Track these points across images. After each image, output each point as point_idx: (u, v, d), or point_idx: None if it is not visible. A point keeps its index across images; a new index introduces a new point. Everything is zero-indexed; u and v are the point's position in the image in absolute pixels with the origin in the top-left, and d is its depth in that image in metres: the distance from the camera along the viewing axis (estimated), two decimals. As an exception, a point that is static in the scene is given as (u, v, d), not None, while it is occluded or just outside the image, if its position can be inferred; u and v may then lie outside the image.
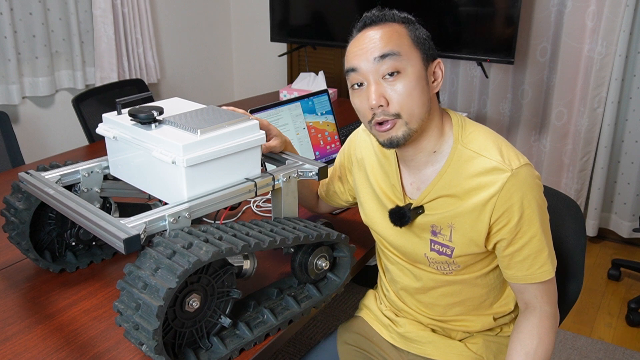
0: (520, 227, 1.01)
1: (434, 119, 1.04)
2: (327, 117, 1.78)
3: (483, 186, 1.00)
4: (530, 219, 1.01)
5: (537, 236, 1.02)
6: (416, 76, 0.98)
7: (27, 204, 1.13)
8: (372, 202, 1.18)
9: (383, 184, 1.14)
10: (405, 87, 0.97)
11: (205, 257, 0.85)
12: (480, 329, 1.19)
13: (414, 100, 0.98)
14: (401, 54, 0.97)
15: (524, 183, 0.99)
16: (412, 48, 0.99)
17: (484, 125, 1.08)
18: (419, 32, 1.02)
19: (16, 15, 2.49)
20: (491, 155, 1.01)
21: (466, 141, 1.04)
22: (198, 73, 3.58)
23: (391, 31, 0.99)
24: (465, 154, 1.03)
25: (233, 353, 0.96)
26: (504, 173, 0.99)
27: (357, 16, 1.05)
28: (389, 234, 1.15)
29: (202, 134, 0.99)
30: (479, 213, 1.01)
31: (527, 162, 1.01)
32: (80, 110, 2.23)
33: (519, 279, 1.06)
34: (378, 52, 0.98)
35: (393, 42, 0.98)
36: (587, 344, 2.19)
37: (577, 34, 2.61)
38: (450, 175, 1.03)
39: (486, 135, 1.05)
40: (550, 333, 1.06)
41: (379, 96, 0.98)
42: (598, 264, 2.75)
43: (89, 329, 1.03)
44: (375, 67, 0.98)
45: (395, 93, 0.98)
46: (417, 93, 0.98)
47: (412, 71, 0.98)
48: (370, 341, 1.26)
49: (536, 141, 2.93)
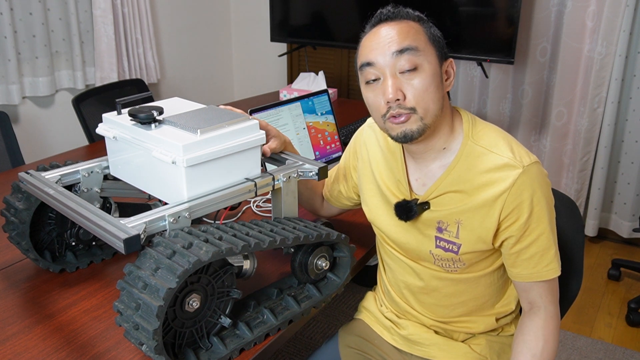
0: (529, 224, 1.01)
1: (446, 117, 1.05)
2: (327, 117, 1.78)
3: (494, 182, 1.00)
4: (539, 216, 1.01)
5: (545, 234, 1.02)
6: (432, 72, 0.99)
7: (27, 204, 1.13)
8: (376, 198, 1.17)
9: (387, 179, 1.14)
10: (422, 83, 0.98)
11: (205, 257, 0.85)
12: (483, 330, 1.19)
13: (430, 96, 0.99)
14: (419, 49, 0.98)
15: (534, 180, 1.00)
16: (428, 44, 1.00)
17: (493, 125, 1.08)
18: (433, 30, 1.03)
19: (16, 15, 2.49)
20: (502, 152, 1.01)
21: (476, 138, 1.04)
22: (198, 73, 3.58)
23: (408, 27, 1.00)
24: (476, 150, 1.03)
25: (233, 353, 0.96)
26: (516, 169, 0.99)
27: (371, 12, 1.05)
28: (392, 231, 1.15)
29: (202, 134, 0.99)
30: (488, 209, 1.02)
31: (537, 159, 1.02)
32: (80, 110, 2.23)
33: (524, 277, 1.06)
34: (396, 46, 0.98)
35: (411, 37, 0.99)
36: (587, 344, 2.18)
37: (577, 34, 2.61)
38: (459, 171, 1.03)
39: (497, 133, 1.05)
40: (555, 334, 1.06)
41: (396, 90, 0.98)
42: (598, 264, 2.74)
43: (89, 329, 1.03)
44: (393, 61, 0.98)
45: (412, 88, 0.98)
46: (432, 89, 0.99)
47: (429, 67, 0.99)
48: (372, 344, 1.26)
49: (536, 141, 2.93)
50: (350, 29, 2.79)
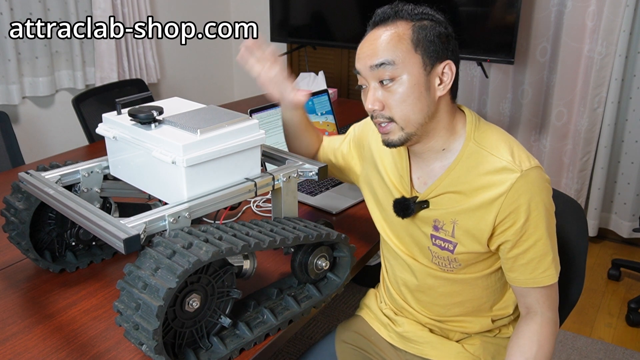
0: (526, 229, 1.01)
1: (441, 120, 1.04)
2: (327, 117, 1.78)
3: (491, 185, 1.00)
4: (537, 222, 1.01)
5: (542, 240, 1.02)
6: (412, 83, 0.98)
7: (27, 204, 1.13)
8: (382, 189, 1.18)
9: (392, 173, 1.15)
10: (400, 94, 0.99)
11: (205, 257, 0.85)
12: (479, 331, 1.19)
13: (408, 107, 0.99)
14: (395, 63, 0.98)
15: (532, 185, 0.99)
16: (410, 54, 0.98)
17: (498, 127, 1.08)
18: (428, 33, 0.99)
19: (16, 15, 2.49)
20: (502, 155, 1.01)
21: (478, 139, 1.04)
22: (198, 73, 3.58)
23: (391, 36, 0.99)
24: (476, 151, 1.03)
25: (233, 353, 0.96)
26: (514, 173, 0.99)
27: (370, 12, 1.05)
28: (395, 222, 1.15)
29: (202, 134, 0.99)
30: (484, 212, 1.01)
31: (538, 164, 1.01)
32: (80, 110, 2.23)
33: (521, 282, 1.06)
34: (373, 60, 1.00)
35: (389, 50, 0.98)
36: (587, 344, 2.19)
37: (577, 34, 2.61)
38: (459, 171, 1.03)
39: (499, 135, 1.05)
40: (551, 339, 1.06)
41: (374, 101, 1.01)
42: (598, 264, 2.75)
43: (89, 329, 1.03)
44: (372, 73, 1.00)
45: (390, 99, 1.00)
46: (411, 100, 0.99)
47: (408, 78, 0.98)
48: (368, 340, 1.26)
49: (536, 141, 2.93)
50: (350, 29, 2.80)
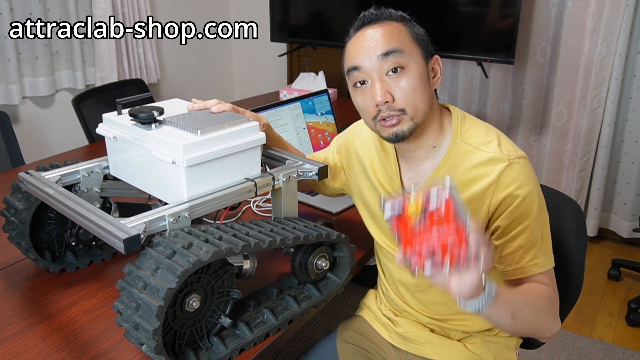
0: (515, 216, 1.01)
1: (434, 115, 1.05)
2: (327, 117, 1.78)
3: (480, 176, 1.01)
4: (525, 209, 1.01)
5: (530, 227, 1.01)
6: (419, 72, 1.00)
7: (27, 204, 1.13)
8: (372, 194, 1.18)
9: (382, 177, 1.15)
10: (410, 83, 0.99)
11: (205, 257, 0.85)
12: (480, 329, 1.19)
13: (418, 96, 1.00)
14: (404, 51, 0.99)
15: (520, 172, 1.00)
16: (413, 44, 1.01)
17: (483, 121, 1.08)
18: (417, 29, 1.04)
19: (16, 15, 2.49)
20: (489, 148, 1.02)
21: (465, 136, 1.05)
22: (198, 73, 3.58)
23: (391, 29, 1.01)
24: (464, 148, 1.04)
25: (233, 353, 0.96)
26: (501, 162, 1.00)
27: (354, 16, 1.05)
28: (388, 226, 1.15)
29: (202, 134, 0.99)
30: (477, 204, 1.02)
31: (524, 155, 1.02)
32: (80, 110, 2.23)
33: (509, 274, 1.04)
34: (381, 49, 0.99)
35: (395, 39, 1.00)
36: (587, 344, 2.19)
37: (577, 34, 2.61)
38: (448, 169, 1.04)
39: (485, 130, 1.06)
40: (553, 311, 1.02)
41: (385, 93, 0.99)
42: (598, 264, 2.74)
43: (89, 329, 1.03)
44: (379, 64, 0.99)
45: (399, 89, 0.99)
46: (420, 89, 1.00)
47: (415, 67, 1.00)
48: (369, 340, 1.26)
49: (536, 141, 2.93)
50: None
